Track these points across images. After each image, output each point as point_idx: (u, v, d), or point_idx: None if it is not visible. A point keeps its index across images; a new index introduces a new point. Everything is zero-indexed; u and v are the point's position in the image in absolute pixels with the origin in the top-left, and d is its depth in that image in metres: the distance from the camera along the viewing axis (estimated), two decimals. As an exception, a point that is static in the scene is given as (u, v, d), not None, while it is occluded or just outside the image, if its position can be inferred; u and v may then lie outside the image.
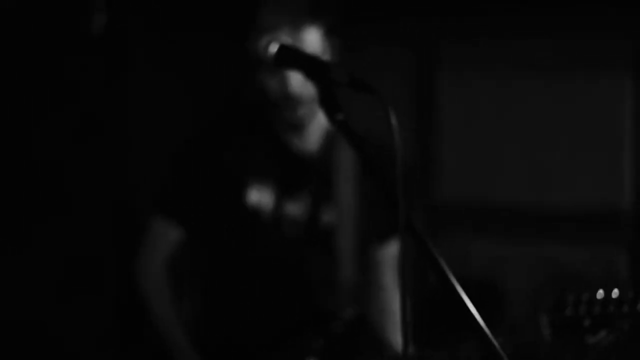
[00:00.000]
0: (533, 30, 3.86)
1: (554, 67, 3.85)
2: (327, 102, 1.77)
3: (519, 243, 3.91)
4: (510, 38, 3.90)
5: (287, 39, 2.47)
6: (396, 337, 2.76)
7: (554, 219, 3.84)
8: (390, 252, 2.81)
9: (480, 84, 3.97)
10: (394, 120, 1.68)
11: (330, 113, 1.76)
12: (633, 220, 3.73)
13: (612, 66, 3.77)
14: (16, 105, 4.00)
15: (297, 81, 2.55)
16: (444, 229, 3.99)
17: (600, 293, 2.08)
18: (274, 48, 1.94)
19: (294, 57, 1.89)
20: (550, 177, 3.85)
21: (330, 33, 2.63)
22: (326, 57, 2.55)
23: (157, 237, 2.75)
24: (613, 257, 3.75)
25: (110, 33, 4.12)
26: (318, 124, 2.70)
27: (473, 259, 3.93)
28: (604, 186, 3.76)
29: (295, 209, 2.69)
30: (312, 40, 2.56)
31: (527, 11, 3.83)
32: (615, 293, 2.07)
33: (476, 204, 3.99)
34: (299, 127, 2.68)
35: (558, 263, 3.81)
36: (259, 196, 2.67)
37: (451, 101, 4.02)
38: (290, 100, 2.59)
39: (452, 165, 4.02)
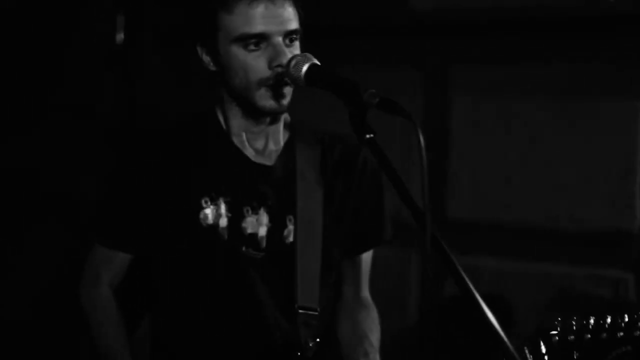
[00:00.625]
0: (545, 53, 3.89)
1: (566, 91, 3.88)
2: (357, 122, 1.83)
3: (528, 261, 3.92)
4: (521, 61, 3.93)
5: (261, 10, 2.26)
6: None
7: (564, 239, 3.86)
8: (365, 264, 2.63)
9: (492, 106, 4.00)
10: (422, 140, 1.74)
11: (359, 132, 1.83)
12: (641, 243, 3.77)
13: (625, 90, 3.78)
14: (16, 107, 4.05)
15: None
16: (454, 246, 4.01)
17: (592, 319, 1.99)
18: (304, 67, 2.00)
19: (325, 77, 1.94)
20: (561, 198, 3.87)
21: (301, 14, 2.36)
22: (298, 27, 2.31)
23: (100, 263, 2.50)
24: (620, 279, 3.79)
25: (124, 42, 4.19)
26: (279, 130, 2.46)
27: (482, 274, 3.97)
28: (614, 209, 3.78)
29: (254, 225, 2.42)
30: (288, 13, 2.30)
31: (540, 35, 3.88)
32: (608, 319, 1.99)
33: (487, 222, 4.00)
34: (271, 120, 2.41)
35: (566, 282, 3.84)
36: (214, 212, 2.39)
37: (463, 122, 4.05)
38: (281, 81, 2.29)
39: (464, 184, 4.04)
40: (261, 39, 2.27)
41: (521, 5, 3.85)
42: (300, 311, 2.42)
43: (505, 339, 1.63)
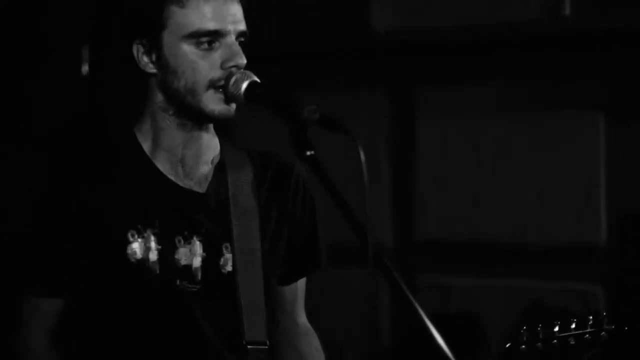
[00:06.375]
0: (508, 71, 3.92)
1: (530, 107, 3.90)
2: (298, 138, 1.82)
3: (496, 278, 3.93)
4: (484, 79, 3.95)
5: (215, 6, 2.15)
6: None
7: (532, 255, 3.88)
8: (300, 290, 2.47)
9: (458, 125, 4.02)
10: (363, 157, 1.74)
11: (300, 149, 1.81)
12: (608, 256, 3.77)
13: (587, 105, 3.82)
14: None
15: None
16: (423, 265, 4.02)
17: (557, 326, 2.02)
18: (243, 84, 2.01)
19: (265, 95, 1.94)
20: (528, 213, 3.89)
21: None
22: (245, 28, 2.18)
23: (31, 313, 2.26)
24: (589, 292, 3.80)
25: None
26: (211, 145, 2.31)
27: (451, 293, 3.97)
28: (581, 223, 3.81)
29: (187, 256, 2.24)
30: (240, 13, 2.19)
31: (502, 52, 3.91)
32: (573, 324, 2.02)
33: (455, 240, 4.01)
34: (206, 129, 2.26)
35: (536, 298, 3.85)
36: (142, 245, 2.21)
37: (429, 142, 4.07)
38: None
39: (432, 203, 4.04)
40: (215, 37, 2.15)
41: (481, 24, 3.88)
42: (249, 347, 2.27)
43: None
